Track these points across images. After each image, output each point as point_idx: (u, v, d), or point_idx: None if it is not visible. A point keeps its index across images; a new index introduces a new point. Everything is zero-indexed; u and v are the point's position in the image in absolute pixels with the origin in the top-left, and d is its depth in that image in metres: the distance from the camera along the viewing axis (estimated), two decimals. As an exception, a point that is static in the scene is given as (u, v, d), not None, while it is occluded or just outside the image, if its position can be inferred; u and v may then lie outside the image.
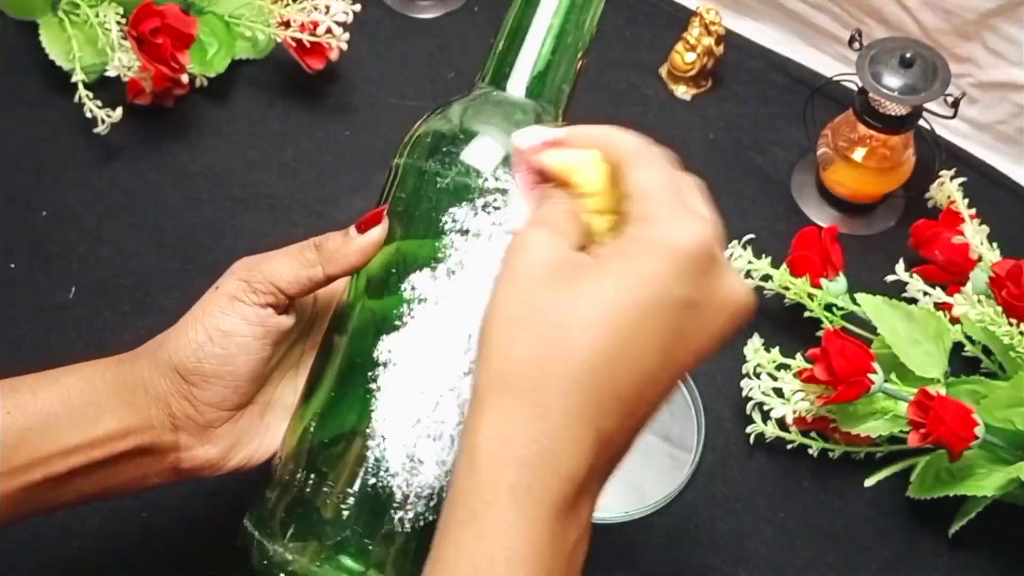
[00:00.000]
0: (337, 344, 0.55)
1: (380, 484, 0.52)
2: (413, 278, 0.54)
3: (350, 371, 0.54)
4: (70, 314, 0.78)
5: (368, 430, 0.52)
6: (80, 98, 0.82)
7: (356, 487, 0.52)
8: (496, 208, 0.53)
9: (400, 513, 0.52)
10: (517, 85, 0.57)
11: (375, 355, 0.53)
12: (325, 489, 0.53)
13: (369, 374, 0.53)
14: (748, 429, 0.73)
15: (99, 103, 0.82)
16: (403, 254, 0.54)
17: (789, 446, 0.73)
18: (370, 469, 0.52)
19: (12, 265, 0.80)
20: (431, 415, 0.52)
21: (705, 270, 0.45)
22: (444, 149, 0.54)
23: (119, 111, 0.83)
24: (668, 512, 0.73)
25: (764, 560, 0.71)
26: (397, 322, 0.53)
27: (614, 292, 0.44)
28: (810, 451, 0.73)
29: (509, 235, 0.50)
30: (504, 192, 0.53)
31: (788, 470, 0.74)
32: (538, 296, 0.44)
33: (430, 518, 0.52)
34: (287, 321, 0.56)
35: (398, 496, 0.52)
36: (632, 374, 0.44)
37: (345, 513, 0.52)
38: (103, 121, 0.82)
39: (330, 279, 0.56)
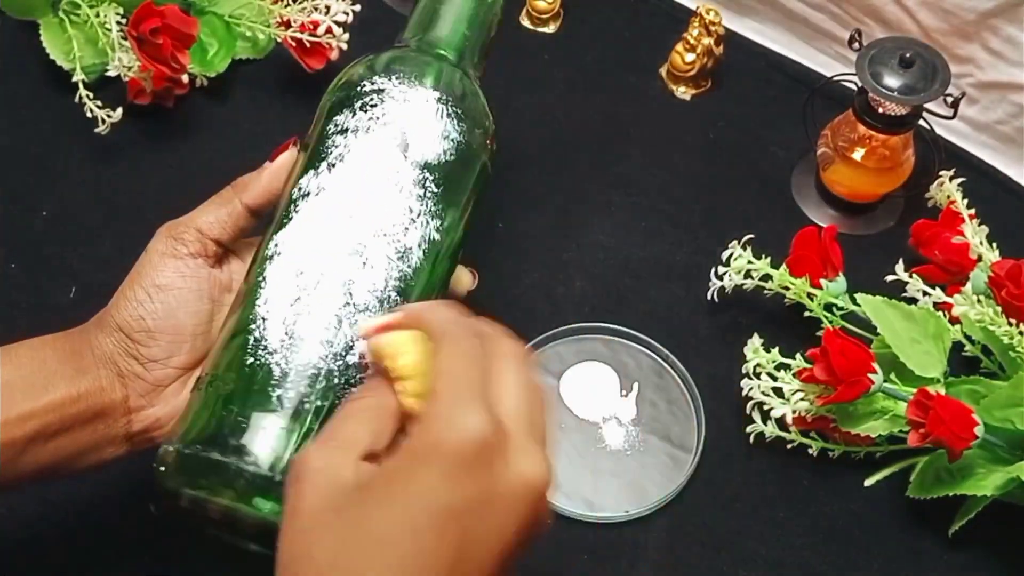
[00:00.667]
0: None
1: (257, 363, 0.53)
2: (301, 181, 0.58)
3: (249, 277, 0.57)
4: (70, 314, 0.77)
5: (251, 316, 0.54)
6: (80, 98, 0.82)
7: (236, 369, 0.53)
8: (372, 106, 0.58)
9: (279, 391, 0.52)
10: (436, 38, 0.63)
11: (265, 253, 0.56)
12: (213, 381, 0.54)
13: (258, 269, 0.56)
14: (748, 429, 0.73)
15: (99, 103, 0.82)
16: (296, 169, 0.59)
17: (789, 446, 0.73)
18: (249, 349, 0.53)
19: (12, 265, 0.80)
20: (311, 294, 0.54)
21: (483, 464, 0.43)
22: (343, 81, 0.61)
23: (119, 111, 0.83)
24: (668, 512, 0.73)
25: (764, 560, 0.71)
26: (285, 220, 0.57)
27: (384, 523, 0.42)
28: (810, 451, 0.73)
29: (387, 127, 0.58)
30: (381, 92, 0.59)
31: (788, 470, 0.74)
32: (313, 535, 0.43)
33: (316, 401, 0.52)
34: (222, 275, 0.59)
35: (276, 373, 0.52)
36: None
37: (227, 392, 0.53)
38: (103, 121, 0.82)
39: (250, 211, 0.59)
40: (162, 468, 0.53)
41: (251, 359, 0.53)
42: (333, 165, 0.57)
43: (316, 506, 0.44)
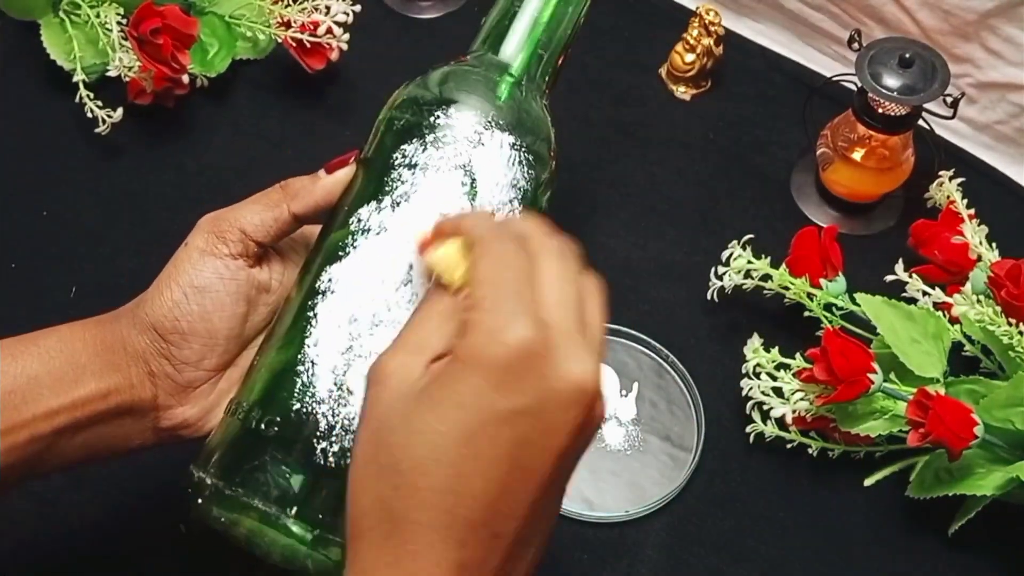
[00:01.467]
0: (293, 290, 0.56)
1: (304, 410, 0.52)
2: (361, 211, 0.55)
3: (295, 307, 0.55)
4: (70, 314, 0.77)
5: (300, 356, 0.53)
6: (81, 98, 0.83)
7: (282, 412, 0.52)
8: (445, 143, 0.55)
9: (323, 444, 0.51)
10: (506, 55, 0.59)
11: (316, 285, 0.54)
12: (254, 414, 0.53)
13: (309, 303, 0.54)
14: (748, 429, 0.73)
15: (100, 103, 0.83)
16: (356, 191, 0.56)
17: (789, 446, 0.73)
18: (296, 394, 0.52)
19: (13, 265, 0.80)
20: (363, 344, 0.52)
21: (529, 370, 0.43)
22: (411, 98, 0.57)
23: (120, 111, 0.83)
24: (668, 512, 0.73)
25: (764, 559, 0.71)
26: (340, 253, 0.54)
27: (439, 424, 0.42)
28: (810, 451, 0.73)
29: (457, 171, 0.54)
30: (454, 128, 0.55)
31: (787, 470, 0.74)
32: (381, 437, 0.44)
33: None
34: (260, 275, 0.57)
35: (323, 425, 0.51)
36: (477, 500, 0.42)
37: (270, 435, 0.52)
38: (104, 121, 0.82)
39: (297, 219, 0.57)
40: (198, 500, 0.52)
41: (298, 405, 0.52)
42: (398, 203, 0.54)
43: (387, 409, 0.44)
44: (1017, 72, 0.84)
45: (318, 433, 0.51)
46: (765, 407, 0.72)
